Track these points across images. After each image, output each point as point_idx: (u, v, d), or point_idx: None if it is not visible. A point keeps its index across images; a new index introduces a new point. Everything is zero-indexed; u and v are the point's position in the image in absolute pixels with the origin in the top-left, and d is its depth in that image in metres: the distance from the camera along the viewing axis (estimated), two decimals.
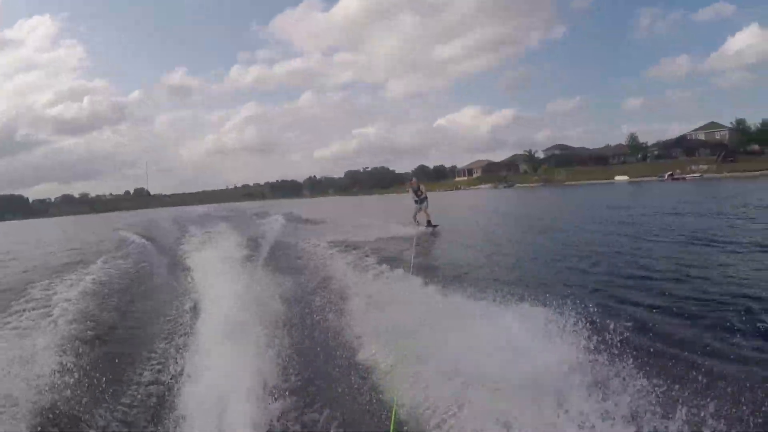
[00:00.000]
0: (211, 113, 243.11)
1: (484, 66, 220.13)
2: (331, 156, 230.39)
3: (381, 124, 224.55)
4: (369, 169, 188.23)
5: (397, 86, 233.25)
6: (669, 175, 65.02)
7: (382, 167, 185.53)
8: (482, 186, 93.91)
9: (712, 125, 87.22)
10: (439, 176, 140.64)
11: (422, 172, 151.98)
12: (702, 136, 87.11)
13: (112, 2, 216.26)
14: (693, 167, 70.39)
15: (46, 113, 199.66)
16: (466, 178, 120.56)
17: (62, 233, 33.61)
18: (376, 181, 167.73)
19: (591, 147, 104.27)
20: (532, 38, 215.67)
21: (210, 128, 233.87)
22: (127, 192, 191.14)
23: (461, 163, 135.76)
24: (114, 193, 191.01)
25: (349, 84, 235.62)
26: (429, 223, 15.03)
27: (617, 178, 73.74)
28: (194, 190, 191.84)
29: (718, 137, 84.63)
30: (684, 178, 62.94)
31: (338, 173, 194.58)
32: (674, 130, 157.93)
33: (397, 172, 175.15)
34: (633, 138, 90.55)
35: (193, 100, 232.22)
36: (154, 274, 10.63)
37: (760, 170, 64.80)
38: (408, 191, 15.99)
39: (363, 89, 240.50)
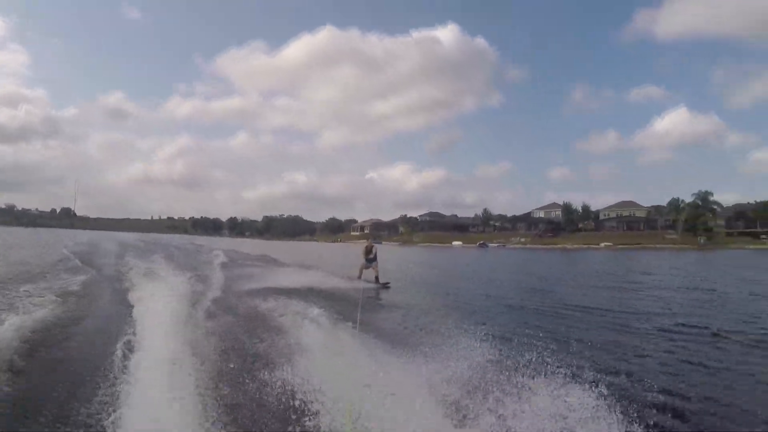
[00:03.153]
0: (143, 140, 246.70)
1: (418, 125, 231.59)
2: (258, 198, 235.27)
3: (312, 171, 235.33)
4: (285, 216, 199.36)
5: (331, 136, 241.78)
6: (480, 244, 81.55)
7: (297, 216, 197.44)
8: (358, 241, 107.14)
9: (552, 206, 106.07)
10: (339, 230, 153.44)
11: (330, 225, 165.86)
12: (542, 214, 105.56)
13: (64, 14, 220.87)
14: (513, 239, 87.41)
15: None
16: (358, 233, 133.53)
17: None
18: (290, 228, 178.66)
19: (514, 211, 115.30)
20: (467, 103, 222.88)
21: (141, 155, 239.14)
22: (54, 210, 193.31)
23: (388, 217, 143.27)
24: (40, 209, 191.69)
25: (284, 128, 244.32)
26: (377, 279, 15.54)
27: (454, 243, 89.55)
28: (118, 216, 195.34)
29: (553, 215, 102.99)
30: (487, 246, 79.54)
31: (259, 216, 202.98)
32: (596, 200, 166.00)
33: (310, 220, 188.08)
34: (486, 212, 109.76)
35: (128, 125, 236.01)
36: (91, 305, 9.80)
37: (561, 244, 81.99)
38: (362, 245, 16.86)
39: (297, 135, 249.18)
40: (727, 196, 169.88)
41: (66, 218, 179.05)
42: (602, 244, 78.41)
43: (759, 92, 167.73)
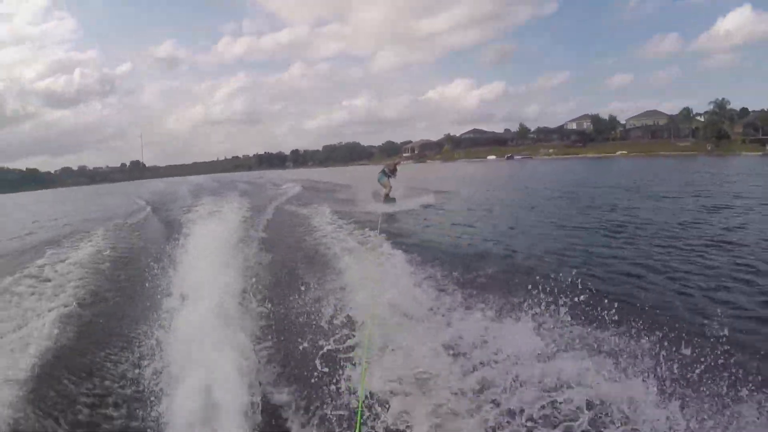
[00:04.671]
0: (199, 84, 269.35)
1: (473, 40, 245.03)
2: (318, 127, 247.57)
3: (369, 95, 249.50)
4: (343, 143, 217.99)
5: (386, 58, 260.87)
6: (507, 157, 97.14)
7: (355, 142, 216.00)
8: (404, 162, 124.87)
9: (583, 117, 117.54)
10: (395, 152, 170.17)
11: (386, 148, 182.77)
12: (574, 125, 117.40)
13: None
14: (542, 150, 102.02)
15: (36, 86, 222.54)
16: (408, 153, 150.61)
17: None
18: (348, 154, 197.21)
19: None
20: (521, 13, 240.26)
21: (199, 99, 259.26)
22: (123, 164, 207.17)
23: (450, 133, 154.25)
24: (110, 165, 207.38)
25: (337, 55, 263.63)
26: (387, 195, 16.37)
27: (489, 157, 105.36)
28: (185, 162, 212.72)
29: (585, 126, 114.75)
30: (513, 158, 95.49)
31: (320, 145, 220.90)
32: (663, 106, 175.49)
33: (368, 145, 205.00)
34: (522, 126, 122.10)
35: (182, 71, 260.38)
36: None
37: (583, 154, 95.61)
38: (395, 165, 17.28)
39: (351, 60, 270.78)
40: None
41: (136, 170, 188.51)
42: (618, 153, 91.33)
43: None
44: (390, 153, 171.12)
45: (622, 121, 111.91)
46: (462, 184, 29.20)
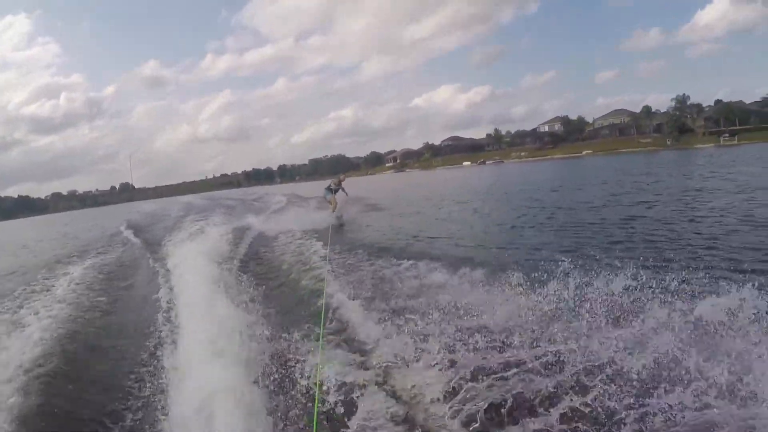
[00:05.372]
0: (186, 103, 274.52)
1: (457, 44, 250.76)
2: (306, 141, 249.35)
3: (357, 106, 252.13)
4: (329, 156, 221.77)
5: (371, 68, 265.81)
6: (480, 162, 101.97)
7: (340, 154, 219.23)
8: (387, 172, 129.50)
9: (555, 119, 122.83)
10: (379, 162, 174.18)
11: (370, 159, 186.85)
12: (546, 128, 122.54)
13: None
14: (513, 154, 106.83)
15: (22, 113, 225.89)
16: (391, 164, 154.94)
17: None
18: (333, 167, 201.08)
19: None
20: (504, 14, 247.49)
21: (185, 118, 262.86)
22: (113, 187, 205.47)
23: (437, 140, 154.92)
24: (100, 189, 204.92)
25: (322, 68, 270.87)
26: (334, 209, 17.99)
27: (464, 163, 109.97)
28: (174, 182, 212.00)
29: (556, 128, 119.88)
30: (485, 163, 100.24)
31: (307, 159, 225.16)
32: (649, 100, 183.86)
33: (355, 156, 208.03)
34: (497, 131, 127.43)
35: (168, 91, 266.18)
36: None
37: (551, 155, 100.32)
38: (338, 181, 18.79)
39: (337, 72, 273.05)
40: None
41: (126, 192, 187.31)
42: (584, 152, 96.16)
43: None
44: (375, 163, 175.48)
45: (591, 121, 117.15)
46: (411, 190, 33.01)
